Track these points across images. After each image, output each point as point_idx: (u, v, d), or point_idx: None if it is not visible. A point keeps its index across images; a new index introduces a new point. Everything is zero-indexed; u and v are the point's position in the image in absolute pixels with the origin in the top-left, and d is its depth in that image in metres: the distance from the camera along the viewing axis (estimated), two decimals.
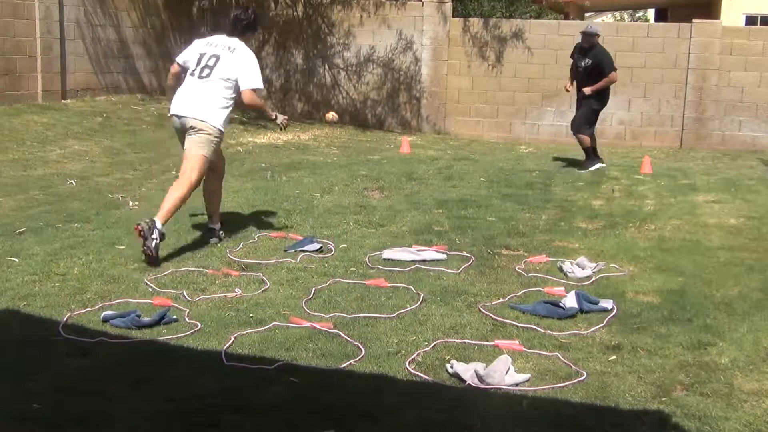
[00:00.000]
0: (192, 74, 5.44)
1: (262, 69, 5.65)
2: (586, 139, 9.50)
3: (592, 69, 9.26)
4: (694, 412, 3.14)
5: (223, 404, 3.10)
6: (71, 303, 4.24)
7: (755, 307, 4.48)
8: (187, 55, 5.54)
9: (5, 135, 9.17)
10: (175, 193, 5.24)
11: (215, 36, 5.69)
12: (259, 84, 5.42)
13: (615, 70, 9.44)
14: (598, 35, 9.49)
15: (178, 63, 5.61)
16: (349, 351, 3.69)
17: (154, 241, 4.94)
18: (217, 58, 5.40)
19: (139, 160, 9.05)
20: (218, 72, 5.36)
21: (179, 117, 5.39)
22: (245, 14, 5.59)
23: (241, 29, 5.59)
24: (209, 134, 5.33)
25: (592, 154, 9.56)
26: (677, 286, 4.87)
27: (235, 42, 5.51)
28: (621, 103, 12.51)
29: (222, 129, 5.39)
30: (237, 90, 5.39)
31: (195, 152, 5.33)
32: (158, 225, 4.99)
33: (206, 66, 5.39)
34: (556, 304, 4.30)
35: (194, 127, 5.31)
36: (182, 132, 5.42)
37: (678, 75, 12.59)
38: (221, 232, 5.68)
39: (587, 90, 9.28)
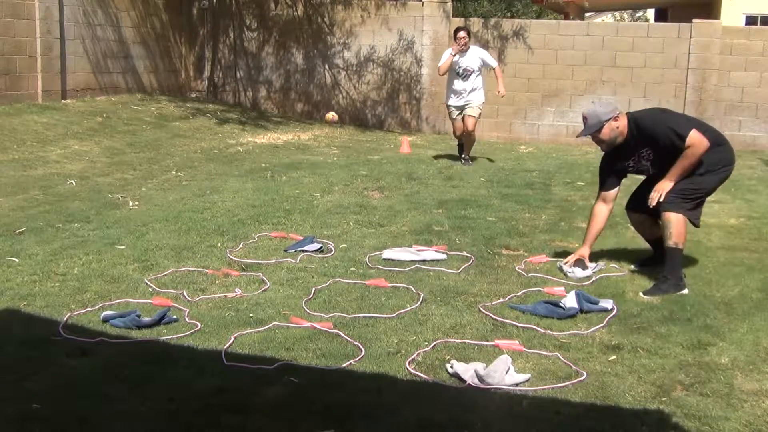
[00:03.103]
0: (459, 77, 9.54)
1: (262, 69, 5.80)
2: None
3: (660, 154, 5.03)
4: (694, 412, 3.14)
5: (223, 404, 3.10)
6: (71, 303, 4.24)
7: (755, 307, 4.48)
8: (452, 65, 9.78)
9: (5, 135, 9.17)
10: (470, 138, 9.79)
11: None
12: (494, 63, 9.77)
13: (694, 125, 4.94)
14: (606, 120, 5.03)
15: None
16: (349, 351, 3.69)
17: (468, 163, 9.74)
18: (469, 64, 9.48)
19: (139, 160, 9.06)
20: (470, 72, 9.52)
21: (458, 104, 9.71)
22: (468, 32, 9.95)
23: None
24: (479, 107, 9.68)
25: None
26: None
27: (474, 49, 9.70)
28: (621, 103, 12.46)
29: (484, 100, 9.76)
30: (481, 74, 9.64)
31: (473, 116, 9.62)
32: (466, 156, 9.84)
33: (466, 71, 9.50)
34: (556, 304, 4.30)
35: (471, 107, 9.60)
36: (461, 108, 9.68)
37: (678, 75, 12.59)
38: (469, 159, 9.84)
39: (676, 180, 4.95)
